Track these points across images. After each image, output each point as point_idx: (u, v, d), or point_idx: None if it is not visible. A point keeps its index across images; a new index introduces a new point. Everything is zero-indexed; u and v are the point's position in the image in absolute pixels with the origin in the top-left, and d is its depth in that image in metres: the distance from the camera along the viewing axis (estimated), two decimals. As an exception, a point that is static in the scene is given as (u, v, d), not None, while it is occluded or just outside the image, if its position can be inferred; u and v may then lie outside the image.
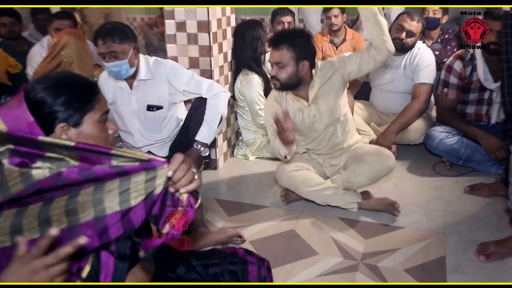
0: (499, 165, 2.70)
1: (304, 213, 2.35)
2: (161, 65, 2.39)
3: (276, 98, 2.36)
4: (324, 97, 2.32)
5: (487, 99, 2.74)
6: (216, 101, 2.39)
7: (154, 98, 2.41)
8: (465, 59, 2.73)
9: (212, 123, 2.37)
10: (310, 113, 2.34)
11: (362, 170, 2.30)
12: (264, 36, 2.94)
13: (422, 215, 2.30)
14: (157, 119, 2.46)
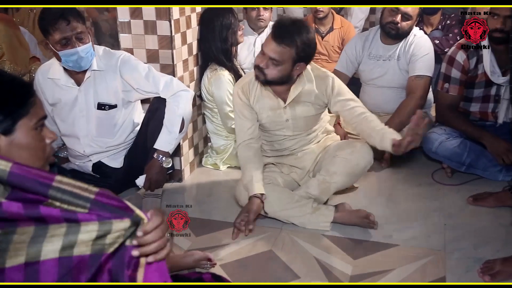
0: (508, 172, 2.83)
1: (284, 230, 2.42)
2: (113, 56, 2.44)
3: (243, 91, 2.46)
4: (304, 105, 2.44)
5: (494, 96, 2.87)
6: (175, 101, 2.44)
7: (106, 95, 2.44)
8: (469, 49, 2.82)
9: (172, 128, 2.41)
10: (283, 116, 2.45)
11: (337, 168, 2.41)
12: (235, 24, 3.00)
13: (419, 230, 2.40)
14: (110, 120, 2.50)
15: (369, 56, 3.24)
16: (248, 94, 2.46)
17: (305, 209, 2.42)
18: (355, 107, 2.45)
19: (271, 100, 2.43)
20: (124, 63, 2.43)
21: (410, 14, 3.01)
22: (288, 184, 2.59)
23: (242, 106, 2.47)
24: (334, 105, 2.47)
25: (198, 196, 2.81)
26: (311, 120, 2.52)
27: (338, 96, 2.44)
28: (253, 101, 2.46)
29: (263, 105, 2.45)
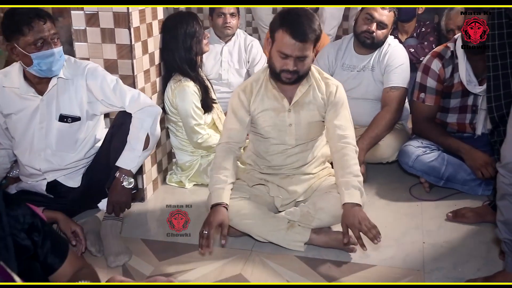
0: (487, 186, 2.87)
1: (254, 252, 2.39)
2: (80, 65, 2.42)
3: (245, 90, 2.47)
4: (308, 109, 2.44)
5: (471, 106, 2.92)
6: (141, 116, 2.41)
7: (69, 106, 2.41)
8: (445, 58, 2.88)
9: (136, 145, 2.38)
10: (286, 120, 2.44)
11: (325, 205, 2.41)
12: (200, 32, 2.99)
13: (397, 249, 2.41)
14: (72, 134, 2.45)
15: (343, 67, 3.26)
16: (250, 94, 2.45)
17: (280, 224, 2.40)
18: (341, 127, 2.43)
19: (276, 101, 2.43)
20: (92, 73, 2.41)
21: (385, 22, 3.06)
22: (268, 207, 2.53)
23: (239, 105, 2.47)
24: (327, 113, 2.46)
25: (162, 217, 2.77)
26: (314, 128, 2.49)
27: (335, 105, 2.44)
28: (254, 102, 2.45)
29: (266, 107, 2.44)
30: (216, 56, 3.68)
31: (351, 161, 2.39)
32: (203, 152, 3.11)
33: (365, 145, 2.98)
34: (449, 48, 2.89)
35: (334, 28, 4.56)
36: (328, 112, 2.46)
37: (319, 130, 2.55)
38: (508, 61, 2.20)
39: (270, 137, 2.51)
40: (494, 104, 2.32)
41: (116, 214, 2.41)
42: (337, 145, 2.42)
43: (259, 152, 2.59)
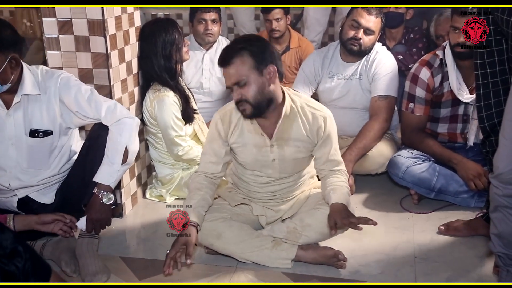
0: (480, 197, 2.90)
1: (239, 269, 2.39)
2: (52, 76, 2.38)
3: (222, 120, 2.40)
4: (293, 145, 2.39)
5: (462, 115, 2.96)
6: (118, 128, 2.38)
7: (40, 120, 2.38)
8: (434, 66, 2.92)
9: (114, 159, 2.35)
10: (269, 155, 2.40)
11: (313, 221, 2.42)
12: (180, 39, 2.99)
13: (387, 264, 2.42)
14: (44, 149, 2.42)
15: (329, 75, 3.28)
16: (228, 125, 2.40)
17: (264, 243, 2.40)
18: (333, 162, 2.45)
19: (256, 135, 2.37)
20: (65, 84, 2.38)
21: (372, 29, 3.08)
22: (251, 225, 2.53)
23: (215, 136, 2.42)
24: (318, 149, 2.43)
25: (141, 233, 2.76)
26: (300, 162, 2.48)
27: (326, 140, 2.41)
28: (233, 135, 2.39)
29: (247, 141, 2.38)
30: (197, 64, 3.69)
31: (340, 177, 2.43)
32: (184, 165, 3.11)
33: (353, 156, 2.99)
34: (438, 56, 2.92)
35: (319, 34, 4.60)
36: (317, 149, 2.43)
37: (306, 163, 2.52)
38: (497, 69, 2.23)
39: (252, 169, 2.49)
40: (484, 114, 2.35)
41: (96, 232, 2.39)
42: (328, 174, 2.46)
43: (240, 177, 2.57)
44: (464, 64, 2.80)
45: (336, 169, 2.46)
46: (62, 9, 2.59)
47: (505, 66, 2.19)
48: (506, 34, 2.07)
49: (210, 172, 2.46)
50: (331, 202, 2.31)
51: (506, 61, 2.19)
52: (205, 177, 2.46)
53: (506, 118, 1.91)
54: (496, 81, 2.26)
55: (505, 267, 2.04)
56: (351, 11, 3.16)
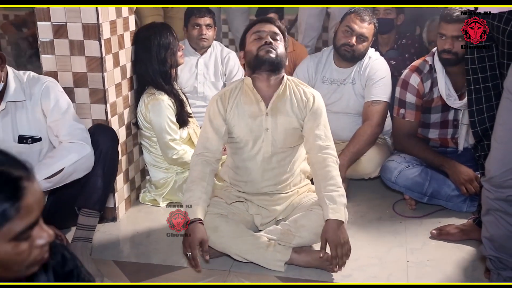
0: (472, 202, 2.92)
1: (232, 273, 2.39)
2: (37, 82, 2.38)
3: (221, 98, 2.52)
4: (286, 114, 2.47)
5: (452, 121, 2.98)
6: (70, 147, 2.27)
7: (27, 126, 2.38)
8: (423, 72, 2.95)
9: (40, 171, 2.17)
10: (263, 124, 2.46)
11: (307, 222, 2.43)
12: (174, 43, 3.00)
13: (380, 268, 2.43)
14: (33, 155, 2.41)
15: (323, 80, 3.30)
16: (226, 102, 2.49)
17: (259, 242, 2.40)
18: (321, 138, 2.47)
19: (252, 106, 2.46)
20: (47, 93, 2.36)
21: (366, 35, 3.11)
22: (246, 225, 2.54)
23: (216, 113, 2.49)
24: (306, 123, 2.49)
25: (135, 238, 2.75)
26: (291, 135, 2.50)
27: (313, 114, 2.48)
28: (231, 110, 2.48)
29: (242, 113, 2.47)
30: (191, 68, 3.69)
31: (333, 172, 2.42)
32: (178, 169, 3.11)
33: (346, 161, 3.00)
34: (427, 62, 2.95)
35: (313, 40, 4.62)
36: (306, 121, 2.48)
37: (295, 139, 2.54)
38: (488, 74, 2.26)
39: (246, 145, 2.52)
40: (476, 118, 2.38)
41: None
42: (318, 156, 2.45)
43: (237, 166, 2.60)
44: (453, 70, 2.84)
45: (327, 154, 2.45)
46: (56, 13, 2.60)
47: (496, 72, 2.22)
48: (497, 40, 2.09)
49: (209, 151, 2.50)
50: (328, 217, 2.31)
51: (497, 66, 2.21)
52: (206, 163, 2.48)
53: (497, 122, 1.93)
54: (488, 86, 2.28)
55: (496, 270, 2.06)
56: (344, 17, 3.18)
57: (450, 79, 2.87)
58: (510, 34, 1.99)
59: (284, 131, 2.49)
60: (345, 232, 2.31)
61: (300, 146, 2.62)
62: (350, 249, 2.30)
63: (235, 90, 2.53)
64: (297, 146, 2.59)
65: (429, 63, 2.94)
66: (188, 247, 2.27)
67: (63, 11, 2.59)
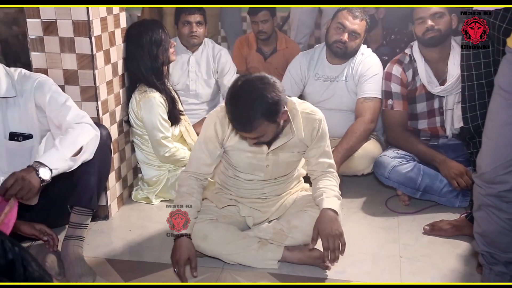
0: (464, 197, 2.93)
1: (225, 270, 2.40)
2: (29, 79, 2.36)
3: (221, 122, 2.38)
4: (288, 151, 2.43)
5: (438, 108, 3.04)
6: (80, 128, 2.25)
7: (19, 123, 2.37)
8: (404, 63, 3.07)
9: (64, 148, 2.14)
10: (264, 161, 2.43)
11: (300, 223, 2.43)
12: (166, 40, 3.00)
13: (373, 264, 2.44)
14: (24, 153, 2.40)
15: (315, 77, 3.30)
16: (226, 128, 2.39)
17: (250, 243, 2.40)
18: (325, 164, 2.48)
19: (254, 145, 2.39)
20: (40, 86, 2.35)
21: (358, 31, 3.11)
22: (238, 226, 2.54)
23: (213, 137, 2.40)
24: (310, 150, 2.46)
25: (127, 235, 2.74)
26: (291, 165, 2.52)
27: (318, 142, 2.44)
28: (230, 139, 2.40)
29: (243, 147, 2.39)
30: (183, 66, 3.68)
31: (332, 181, 2.46)
32: (171, 166, 3.11)
33: (339, 157, 3.00)
34: (406, 54, 3.09)
35: (306, 37, 4.62)
36: (310, 149, 2.45)
37: (295, 166, 2.57)
38: (483, 71, 2.27)
39: (243, 171, 2.51)
40: (469, 115, 2.39)
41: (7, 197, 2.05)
42: (320, 175, 2.49)
43: (229, 176, 2.58)
44: (433, 57, 2.96)
45: (328, 170, 2.48)
46: (46, 9, 2.58)
47: (491, 69, 2.23)
48: (493, 37, 2.10)
49: (201, 173, 2.47)
50: (323, 207, 2.32)
51: (492, 63, 2.22)
52: (196, 179, 2.47)
53: (489, 118, 1.94)
54: (481, 83, 2.29)
55: (488, 266, 2.07)
56: (336, 13, 3.18)
57: (431, 67, 2.98)
58: (505, 31, 1.99)
59: (285, 165, 2.48)
60: (339, 225, 2.30)
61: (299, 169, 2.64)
62: (345, 243, 2.28)
63: None
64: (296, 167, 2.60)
65: (408, 54, 3.07)
66: (175, 263, 2.29)
67: (52, 8, 2.58)
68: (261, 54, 4.17)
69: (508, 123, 1.85)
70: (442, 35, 2.89)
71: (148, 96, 2.92)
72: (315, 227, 2.29)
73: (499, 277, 2.04)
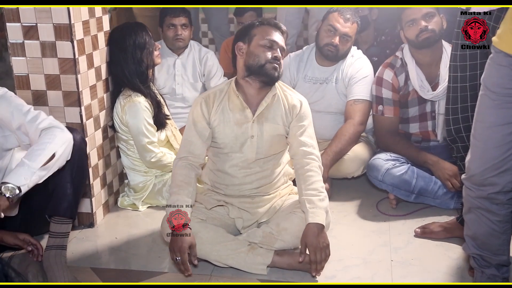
0: (459, 198, 2.90)
1: (214, 277, 2.38)
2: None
3: (206, 101, 2.49)
4: (273, 121, 2.47)
5: (430, 112, 3.03)
6: (50, 134, 2.20)
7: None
8: (396, 66, 3.02)
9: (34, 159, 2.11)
10: (249, 131, 2.46)
11: (289, 225, 2.42)
12: (151, 43, 2.98)
13: (364, 268, 2.43)
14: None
15: (305, 79, 3.30)
16: (211, 106, 2.47)
17: (240, 247, 2.39)
18: (307, 144, 2.47)
19: (238, 112, 2.45)
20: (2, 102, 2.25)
21: (349, 34, 3.12)
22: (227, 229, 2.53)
23: (200, 116, 2.47)
24: (291, 129, 2.49)
25: (113, 243, 2.72)
26: (276, 142, 2.51)
27: (299, 121, 2.48)
28: (215, 113, 2.46)
29: (227, 119, 2.45)
30: (168, 69, 3.67)
31: (315, 177, 2.42)
32: (157, 172, 3.09)
33: (328, 160, 3.00)
34: (398, 57, 3.04)
35: (293, 37, 4.60)
36: (292, 127, 2.48)
37: (280, 146, 2.56)
38: (468, 74, 2.27)
39: (230, 151, 2.51)
40: (451, 117, 2.39)
41: None
42: (302, 161, 2.46)
43: (218, 169, 2.58)
44: (424, 60, 2.93)
45: (310, 157, 2.45)
46: (26, 13, 2.56)
47: (477, 72, 2.22)
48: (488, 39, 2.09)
49: (193, 155, 2.48)
50: (308, 221, 2.31)
51: (479, 66, 2.21)
52: (191, 167, 2.47)
53: (477, 119, 1.93)
54: (465, 86, 2.30)
55: (479, 268, 2.06)
56: (326, 15, 3.18)
57: (422, 71, 2.95)
58: None
59: (270, 138, 2.49)
60: (326, 236, 2.31)
61: (284, 151, 2.61)
62: (329, 254, 2.30)
63: (221, 94, 2.50)
64: (281, 152, 2.60)
65: (399, 57, 3.03)
66: (177, 251, 2.25)
67: (33, 11, 2.56)
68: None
69: (496, 124, 1.84)
70: (437, 35, 2.87)
71: (133, 101, 2.90)
72: (302, 241, 2.29)
73: (491, 280, 2.04)
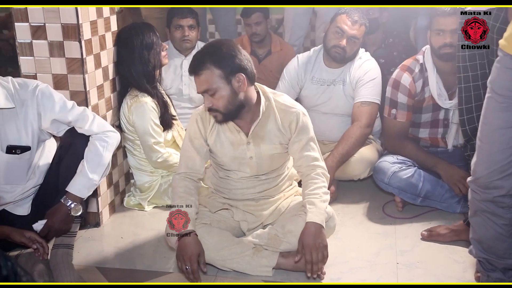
0: (466, 202, 2.88)
1: (219, 278, 2.39)
2: (28, 88, 2.31)
3: (202, 118, 2.46)
4: (269, 141, 2.44)
5: (443, 120, 3.00)
6: (104, 143, 2.36)
7: (18, 136, 2.32)
8: (414, 71, 2.95)
9: (94, 174, 2.32)
10: (246, 153, 2.45)
11: (294, 228, 2.42)
12: (158, 43, 3.00)
13: (370, 270, 2.44)
14: (22, 165, 2.38)
15: (312, 80, 3.31)
16: (207, 123, 2.45)
17: (244, 250, 2.40)
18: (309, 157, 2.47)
19: (232, 133, 2.42)
20: (44, 95, 2.32)
21: (357, 36, 3.12)
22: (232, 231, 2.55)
23: (197, 133, 2.47)
24: (292, 145, 2.47)
25: (119, 243, 2.74)
26: (276, 159, 2.52)
27: (299, 135, 2.44)
28: (211, 134, 2.44)
29: (223, 139, 2.43)
30: (175, 70, 3.69)
31: (319, 184, 2.44)
32: (163, 172, 3.11)
33: (335, 162, 3.01)
34: (418, 61, 2.96)
35: (300, 38, 4.62)
36: (292, 143, 2.46)
37: (282, 160, 2.57)
38: (479, 72, 2.27)
39: (230, 169, 2.53)
40: (466, 117, 2.39)
41: (48, 238, 2.35)
42: (307, 172, 2.48)
43: (220, 176, 2.60)
44: (445, 68, 2.85)
45: (313, 164, 2.46)
46: (35, 13, 2.59)
47: (486, 70, 2.23)
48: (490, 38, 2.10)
49: (193, 173, 2.49)
50: (306, 220, 2.33)
51: (487, 64, 2.23)
52: (190, 180, 2.48)
53: (483, 122, 1.94)
54: (477, 84, 2.30)
55: (485, 272, 2.07)
56: (334, 17, 3.18)
57: (441, 78, 2.88)
58: (499, 30, 2.00)
59: (269, 157, 2.48)
60: (324, 237, 2.32)
61: (288, 160, 2.63)
62: (327, 255, 2.32)
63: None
64: (285, 162, 2.61)
65: (419, 61, 2.94)
66: (187, 260, 2.26)
67: (41, 11, 2.58)
68: (255, 56, 4.17)
69: (502, 127, 1.85)
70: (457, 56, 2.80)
71: (139, 101, 2.92)
72: (300, 241, 2.31)
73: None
